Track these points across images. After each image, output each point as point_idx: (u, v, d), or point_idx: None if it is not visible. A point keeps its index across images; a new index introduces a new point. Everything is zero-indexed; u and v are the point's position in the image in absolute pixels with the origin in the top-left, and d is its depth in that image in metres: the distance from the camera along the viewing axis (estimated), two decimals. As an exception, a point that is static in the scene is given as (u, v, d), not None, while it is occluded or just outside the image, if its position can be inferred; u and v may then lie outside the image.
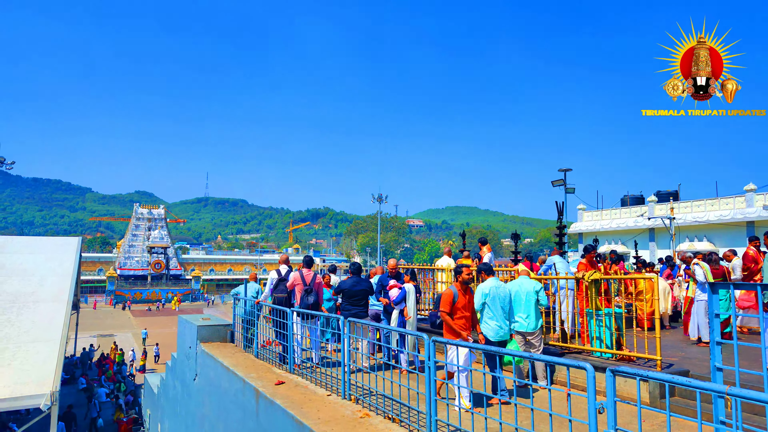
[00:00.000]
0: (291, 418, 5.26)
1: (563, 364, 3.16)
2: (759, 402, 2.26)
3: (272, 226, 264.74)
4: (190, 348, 9.89)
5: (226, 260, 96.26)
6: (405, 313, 7.41)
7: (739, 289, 4.94)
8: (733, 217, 25.95)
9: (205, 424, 8.80)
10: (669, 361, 6.30)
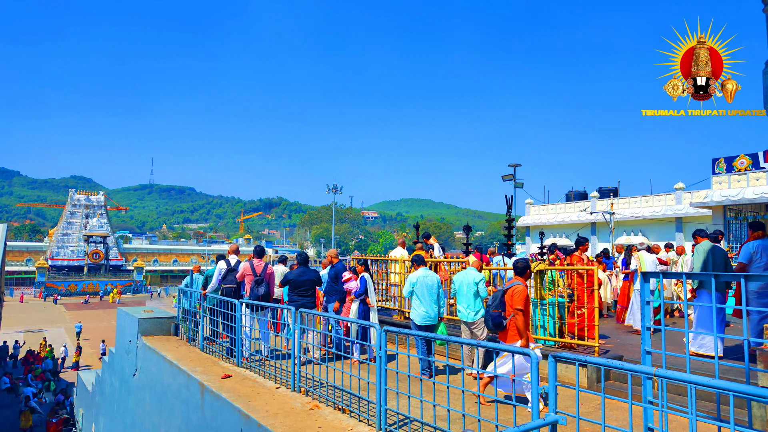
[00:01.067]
0: (238, 412, 5.16)
1: (508, 350, 3.27)
2: (681, 382, 2.43)
3: (222, 216, 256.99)
4: (131, 342, 9.48)
5: (172, 250, 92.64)
6: (368, 302, 7.37)
7: (668, 278, 5.28)
8: (664, 214, 27.74)
9: (145, 422, 8.47)
10: (606, 347, 6.66)
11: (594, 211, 30.32)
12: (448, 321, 8.65)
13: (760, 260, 5.71)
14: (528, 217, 35.69)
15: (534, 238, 32.28)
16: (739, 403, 4.14)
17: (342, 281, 7.53)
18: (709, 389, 2.40)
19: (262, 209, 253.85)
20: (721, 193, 21.76)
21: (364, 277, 7.37)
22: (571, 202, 34.34)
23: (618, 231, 29.43)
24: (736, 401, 4.02)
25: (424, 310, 6.37)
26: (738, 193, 21.07)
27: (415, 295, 6.44)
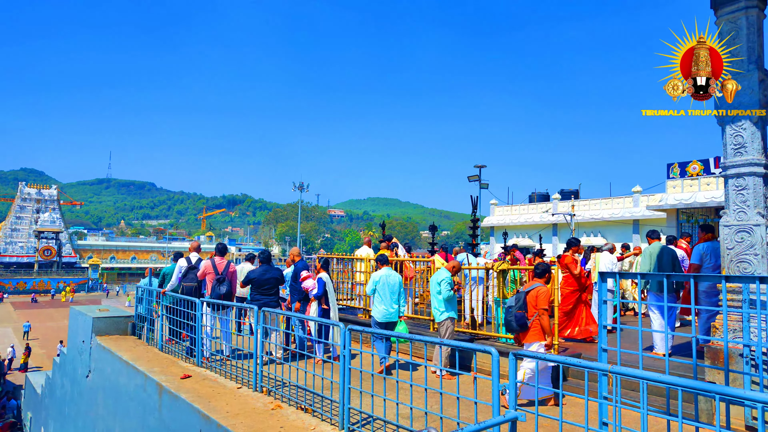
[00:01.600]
0: (197, 413, 5.03)
1: (470, 348, 3.31)
2: (634, 378, 2.53)
3: (183, 212, 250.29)
4: (84, 342, 9.12)
5: (130, 247, 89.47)
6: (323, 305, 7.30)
7: (624, 278, 5.49)
8: (622, 216, 28.83)
9: (99, 425, 8.16)
10: (565, 345, 6.86)
11: (555, 212, 31.19)
12: (411, 320, 8.73)
13: (710, 261, 6.00)
14: (492, 218, 36.35)
15: (498, 239, 32.90)
16: (687, 397, 4.34)
17: (300, 280, 7.49)
18: (660, 385, 2.51)
19: (225, 206, 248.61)
20: (674, 197, 22.78)
21: (322, 278, 7.31)
22: (534, 204, 35.19)
23: (578, 232, 30.35)
24: (685, 396, 4.23)
25: (384, 307, 6.68)
26: (690, 197, 22.11)
27: (377, 293, 6.73)
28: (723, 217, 4.89)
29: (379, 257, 7.27)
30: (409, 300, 9.09)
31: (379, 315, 6.70)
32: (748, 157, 4.73)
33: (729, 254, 4.74)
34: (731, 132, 4.88)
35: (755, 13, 4.84)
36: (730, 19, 4.91)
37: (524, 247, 26.20)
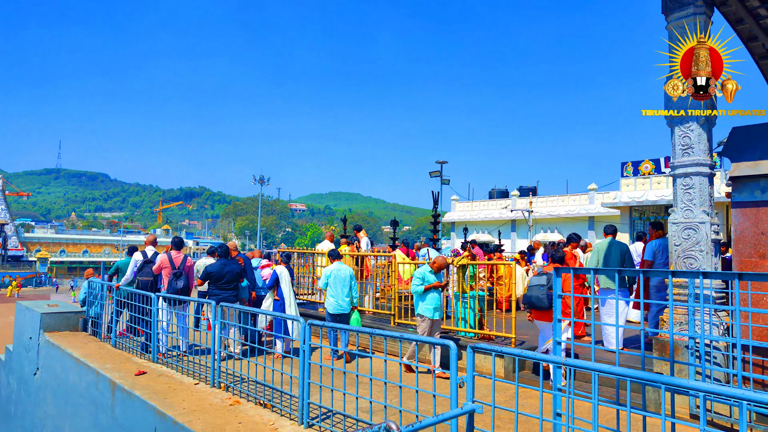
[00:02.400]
0: (152, 410, 4.89)
1: (429, 342, 3.35)
2: (586, 370, 2.62)
3: (138, 205, 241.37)
4: (31, 339, 8.70)
5: (82, 240, 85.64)
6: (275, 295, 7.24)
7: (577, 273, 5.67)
8: (578, 213, 29.81)
9: (48, 425, 7.81)
10: (522, 338, 7.04)
11: (514, 208, 31.91)
12: (373, 314, 8.75)
13: (661, 257, 6.28)
14: (453, 213, 36.85)
15: (459, 234, 33.41)
16: (636, 388, 4.55)
17: (259, 268, 7.43)
18: (610, 376, 2.61)
19: (182, 199, 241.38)
20: (628, 195, 23.75)
21: (276, 270, 7.24)
22: (494, 200, 35.89)
23: (536, 228, 31.20)
24: (634, 386, 4.42)
25: (335, 300, 7.01)
26: (642, 195, 23.10)
27: (330, 287, 7.05)
28: (671, 214, 5.13)
29: (330, 252, 7.57)
30: (370, 294, 9.10)
31: (331, 307, 7.03)
32: (695, 157, 4.97)
33: (676, 250, 4.98)
34: (679, 133, 5.11)
35: (703, 18, 5.07)
36: (679, 24, 5.13)
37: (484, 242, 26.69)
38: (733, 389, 2.23)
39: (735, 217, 4.94)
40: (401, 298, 8.02)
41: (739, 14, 5.87)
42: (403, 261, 9.09)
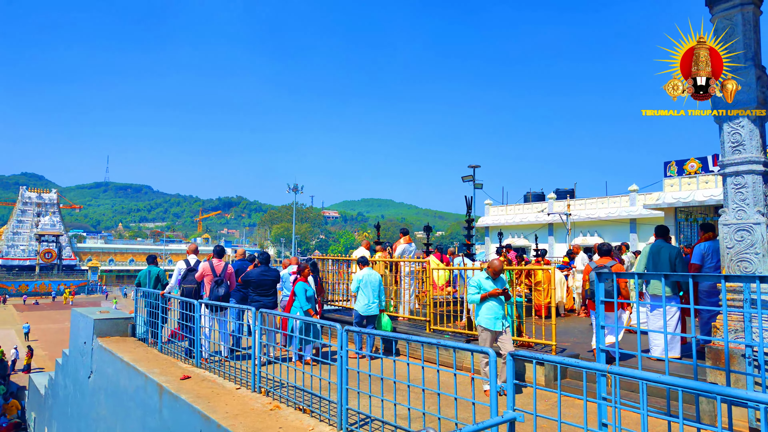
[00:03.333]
0: (197, 413, 5.02)
1: (468, 349, 3.31)
2: (633, 379, 2.52)
3: (179, 215, 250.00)
4: (85, 344, 9.12)
5: (128, 250, 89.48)
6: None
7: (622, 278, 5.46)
8: (619, 215, 28.79)
9: (101, 425, 8.16)
10: (563, 346, 6.85)
11: (551, 212, 31.13)
12: (408, 320, 8.73)
13: (711, 261, 5.96)
14: (487, 218, 36.32)
15: (493, 239, 32.87)
16: (688, 399, 4.33)
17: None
18: (660, 385, 2.50)
19: (220, 208, 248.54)
20: (672, 196, 22.77)
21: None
22: (529, 203, 35.16)
23: (574, 232, 30.36)
24: (685, 397, 4.21)
25: (366, 302, 7.52)
26: (688, 196, 22.10)
27: (361, 290, 7.57)
28: (722, 215, 4.88)
29: (360, 259, 8.05)
30: (405, 300, 9.07)
31: (362, 309, 7.54)
32: (747, 155, 4.72)
33: (729, 253, 4.73)
34: (729, 130, 4.87)
35: (751, 9, 4.83)
36: (725, 16, 4.90)
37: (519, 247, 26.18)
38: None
39: (792, 217, 4.65)
40: (436, 304, 7.97)
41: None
42: (437, 267, 9.02)
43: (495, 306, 5.80)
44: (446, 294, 9.15)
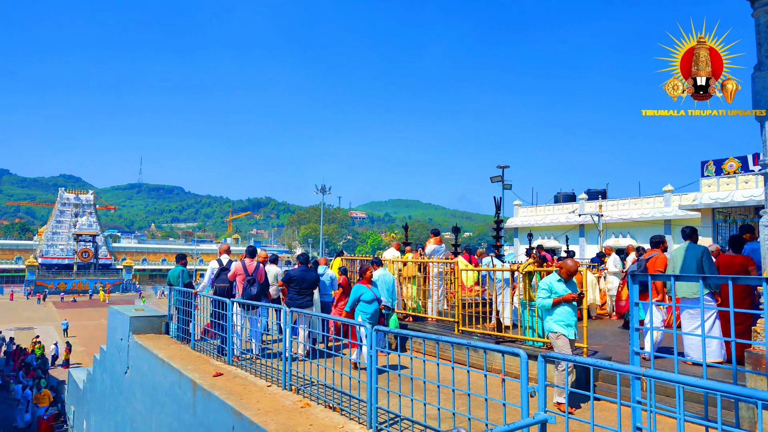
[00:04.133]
0: (230, 410, 5.15)
1: (498, 350, 3.31)
2: (669, 382, 2.48)
3: (210, 215, 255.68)
4: (122, 340, 9.43)
5: (160, 249, 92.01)
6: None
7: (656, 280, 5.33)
8: (653, 216, 28.00)
9: (137, 419, 8.43)
10: (594, 348, 6.74)
11: (582, 212, 30.51)
12: (437, 321, 8.73)
13: None
14: (516, 219, 35.86)
15: (522, 240, 32.43)
16: (726, 404, 4.21)
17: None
18: (697, 389, 2.46)
19: (250, 209, 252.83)
20: (710, 196, 22.01)
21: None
22: (560, 204, 34.54)
23: (606, 233, 29.67)
24: (724, 402, 4.10)
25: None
26: (727, 196, 21.33)
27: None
28: (763, 216, 4.73)
29: (374, 260, 8.42)
30: (433, 300, 9.07)
31: None
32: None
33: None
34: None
35: (794, 5, 4.67)
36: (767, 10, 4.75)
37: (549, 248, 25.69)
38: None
39: (838, 219, 4.48)
40: (465, 305, 7.95)
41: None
42: (466, 268, 9.00)
43: (568, 311, 5.43)
44: (475, 294, 9.11)
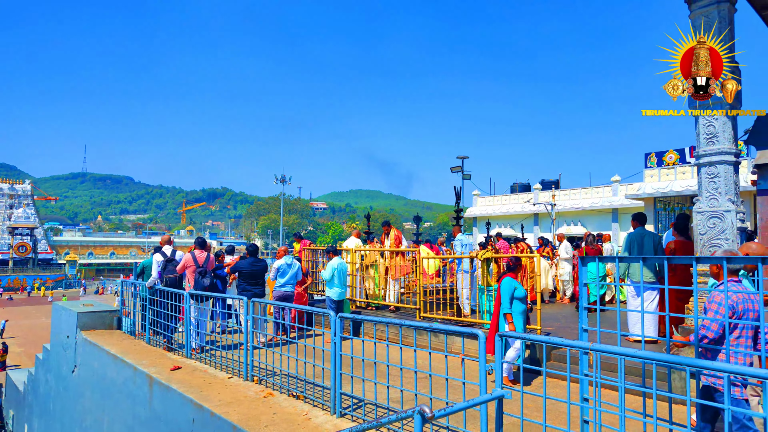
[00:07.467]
0: (190, 402, 5.10)
1: (458, 332, 3.45)
2: (612, 354, 2.69)
3: (162, 206, 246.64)
4: (68, 337, 9.06)
5: (108, 243, 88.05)
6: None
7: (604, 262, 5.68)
8: (601, 205, 29.39)
9: (87, 419, 8.15)
10: (547, 330, 7.07)
11: (537, 202, 31.62)
12: (397, 309, 8.90)
13: None
14: (475, 208, 36.69)
15: (481, 229, 33.26)
16: (661, 375, 4.56)
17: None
18: (636, 360, 2.67)
19: (205, 200, 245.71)
20: (652, 186, 23.31)
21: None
22: (516, 194, 35.62)
23: (559, 221, 30.88)
24: (660, 375, 4.44)
25: (339, 289, 8.11)
26: (667, 186, 22.66)
27: (335, 278, 8.04)
28: (696, 203, 5.11)
29: (329, 248, 8.57)
30: (395, 290, 9.22)
31: (335, 295, 8.09)
32: (720, 146, 4.95)
33: (702, 239, 4.97)
34: (704, 122, 5.09)
35: (726, 6, 5.04)
36: (702, 12, 5.10)
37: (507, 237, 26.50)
38: (755, 369, 2.28)
39: (761, 205, 4.91)
40: (426, 292, 8.13)
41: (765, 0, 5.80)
42: (428, 256, 9.19)
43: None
44: (436, 282, 9.36)
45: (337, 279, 8.08)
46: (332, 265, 8.09)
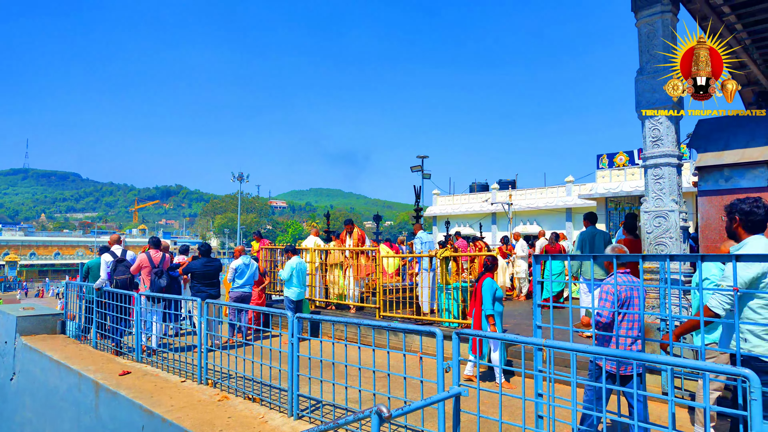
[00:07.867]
0: (139, 408, 4.89)
1: (416, 330, 3.46)
2: (565, 350, 2.77)
3: (113, 204, 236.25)
4: (6, 343, 8.54)
5: (53, 242, 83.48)
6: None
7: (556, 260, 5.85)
8: (556, 204, 30.36)
9: (26, 430, 7.69)
10: (504, 327, 7.21)
11: (494, 201, 32.29)
12: (359, 309, 8.87)
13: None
14: (435, 207, 37.09)
15: (441, 228, 33.66)
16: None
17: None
18: (587, 355, 2.76)
19: (158, 197, 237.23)
20: (603, 186, 24.29)
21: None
22: (475, 193, 36.25)
23: (515, 220, 31.67)
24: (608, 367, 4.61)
25: (298, 289, 8.01)
26: (617, 187, 23.67)
27: (294, 277, 7.92)
28: (643, 203, 5.34)
29: (288, 247, 8.45)
30: (355, 289, 9.18)
31: (294, 295, 7.98)
32: (664, 149, 5.19)
33: (648, 237, 5.20)
34: (649, 126, 5.33)
35: (669, 16, 5.29)
36: (648, 21, 5.34)
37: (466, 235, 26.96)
38: (698, 362, 2.39)
39: (701, 205, 5.19)
40: (386, 291, 8.14)
41: (703, 11, 6.13)
42: (388, 255, 9.20)
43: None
44: (396, 281, 9.39)
45: (296, 279, 7.99)
46: (291, 265, 8.00)
